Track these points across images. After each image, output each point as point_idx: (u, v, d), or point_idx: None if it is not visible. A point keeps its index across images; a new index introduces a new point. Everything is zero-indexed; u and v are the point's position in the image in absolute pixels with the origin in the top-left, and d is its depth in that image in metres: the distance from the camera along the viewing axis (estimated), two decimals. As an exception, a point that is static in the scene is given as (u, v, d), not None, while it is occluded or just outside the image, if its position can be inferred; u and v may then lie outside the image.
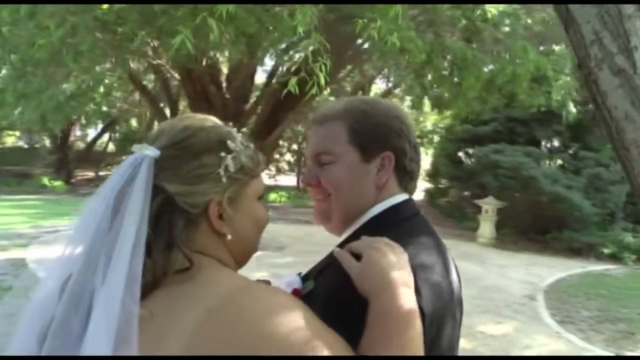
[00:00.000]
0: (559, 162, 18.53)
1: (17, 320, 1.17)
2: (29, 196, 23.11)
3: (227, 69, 15.91)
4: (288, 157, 34.56)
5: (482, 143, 17.92)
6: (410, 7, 7.36)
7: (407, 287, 1.22)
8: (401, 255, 1.27)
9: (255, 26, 5.97)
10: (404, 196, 1.52)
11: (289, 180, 32.71)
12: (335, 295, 1.26)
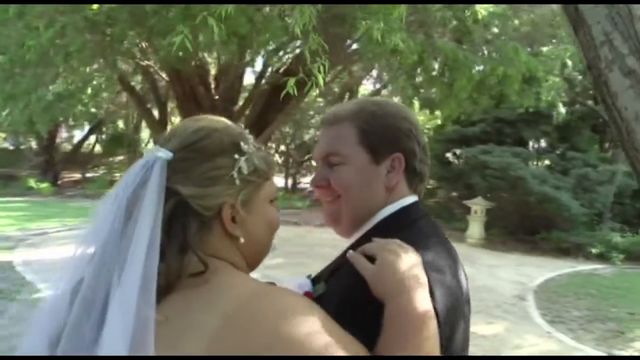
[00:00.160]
0: (547, 162, 18.64)
1: (18, 323, 1.15)
2: (15, 198, 22.94)
3: (216, 70, 15.88)
4: (276, 158, 34.55)
5: (470, 144, 17.98)
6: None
7: (421, 288, 1.21)
8: (414, 257, 1.27)
9: (246, 26, 5.94)
10: (413, 198, 1.51)
11: (277, 182, 32.55)
12: (350, 298, 1.25)
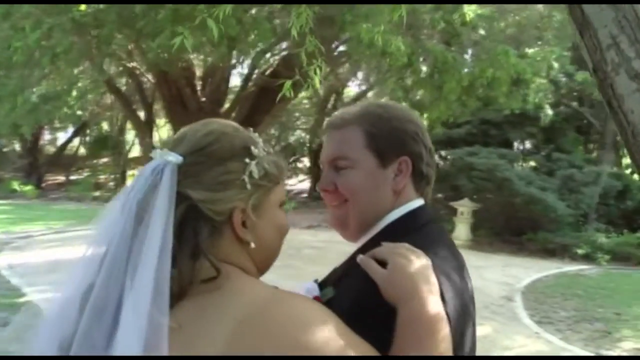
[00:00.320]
0: (532, 164, 18.74)
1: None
2: (-2, 201, 22.74)
3: (202, 71, 15.83)
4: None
5: (456, 145, 18.03)
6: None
7: (433, 292, 1.21)
8: (425, 261, 1.26)
9: (236, 28, 5.91)
10: (420, 201, 1.51)
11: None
12: (361, 302, 1.24)
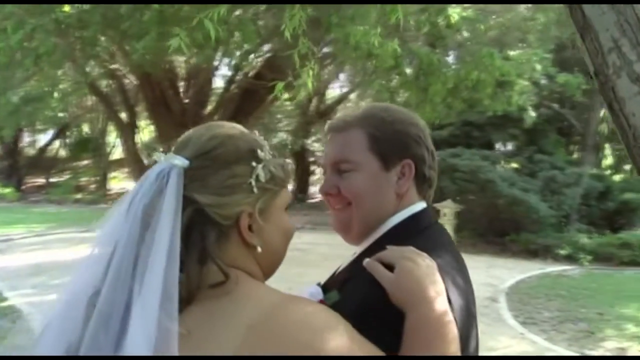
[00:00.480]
0: (514, 165, 18.84)
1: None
2: (-22, 204, 22.50)
3: (185, 73, 15.75)
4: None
5: (439, 147, 18.01)
6: (378, 12, 7.38)
7: (441, 295, 1.21)
8: (432, 264, 1.26)
9: (225, 28, 5.88)
10: (422, 204, 1.51)
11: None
12: (367, 306, 1.23)
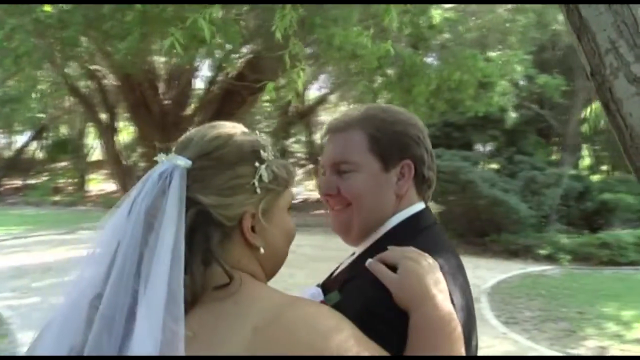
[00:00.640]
0: (494, 166, 18.96)
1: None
2: (-46, 207, 22.18)
3: (166, 74, 15.65)
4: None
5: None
6: (360, 14, 7.38)
7: (444, 295, 1.22)
8: (434, 264, 1.26)
9: (211, 28, 5.82)
10: (421, 205, 1.51)
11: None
12: (370, 307, 1.23)
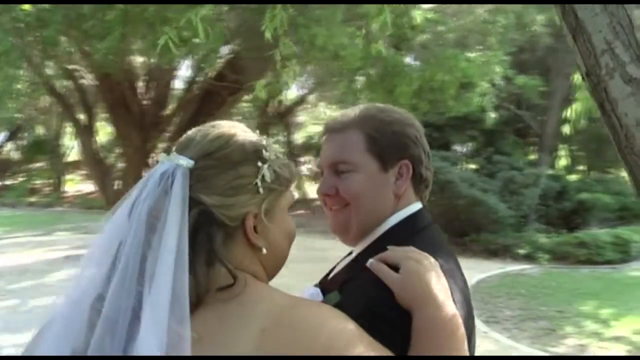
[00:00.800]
0: (473, 166, 19.08)
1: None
2: None
3: (145, 75, 15.52)
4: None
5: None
6: (344, 14, 7.38)
7: (446, 294, 1.22)
8: (435, 264, 1.27)
9: (203, 29, 5.78)
10: (418, 205, 1.51)
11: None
12: (372, 307, 1.22)
